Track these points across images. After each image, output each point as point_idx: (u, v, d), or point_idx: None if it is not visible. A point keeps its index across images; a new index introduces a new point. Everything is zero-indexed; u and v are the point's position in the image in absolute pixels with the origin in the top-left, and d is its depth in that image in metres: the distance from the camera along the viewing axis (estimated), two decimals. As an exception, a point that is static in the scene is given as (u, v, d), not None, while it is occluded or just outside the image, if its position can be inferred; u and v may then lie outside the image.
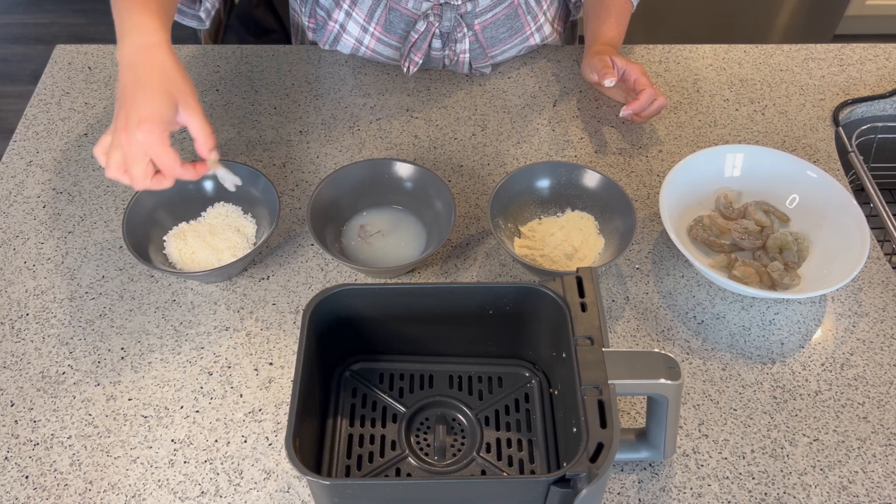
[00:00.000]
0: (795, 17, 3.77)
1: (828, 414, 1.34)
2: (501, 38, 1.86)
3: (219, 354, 1.40)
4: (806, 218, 1.56)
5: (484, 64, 1.89)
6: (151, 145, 1.24)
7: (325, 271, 1.52)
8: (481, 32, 1.82)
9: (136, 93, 1.26)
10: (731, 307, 1.48)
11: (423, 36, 1.79)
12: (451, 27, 1.79)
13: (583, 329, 1.13)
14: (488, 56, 1.88)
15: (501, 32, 1.85)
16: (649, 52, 1.99)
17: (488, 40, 1.84)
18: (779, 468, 1.28)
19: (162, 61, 1.29)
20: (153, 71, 1.28)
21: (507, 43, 1.88)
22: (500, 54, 1.90)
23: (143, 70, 1.28)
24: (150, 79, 1.27)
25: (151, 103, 1.25)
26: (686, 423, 1.32)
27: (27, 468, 1.26)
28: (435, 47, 1.83)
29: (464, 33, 1.80)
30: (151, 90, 1.26)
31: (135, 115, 1.23)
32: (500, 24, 1.83)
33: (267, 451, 1.28)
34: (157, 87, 1.27)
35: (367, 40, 1.85)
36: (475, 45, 1.84)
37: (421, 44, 1.80)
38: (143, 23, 1.31)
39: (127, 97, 1.26)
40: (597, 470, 0.99)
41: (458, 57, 1.85)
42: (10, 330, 1.43)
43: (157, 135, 1.24)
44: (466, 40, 1.82)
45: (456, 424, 1.26)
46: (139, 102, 1.25)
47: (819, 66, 1.96)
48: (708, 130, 1.79)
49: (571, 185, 1.57)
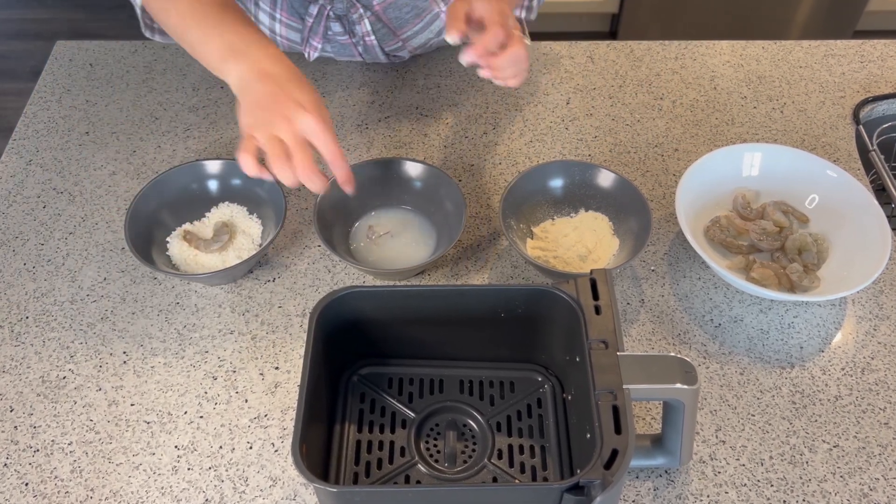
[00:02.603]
0: (815, 13, 3.77)
1: (848, 419, 1.34)
2: (407, 19, 1.80)
3: (223, 358, 1.40)
4: (826, 218, 1.56)
5: (396, 47, 1.85)
6: (315, 131, 1.28)
7: (332, 273, 1.52)
8: (383, 13, 1.77)
9: (285, 90, 1.30)
10: (748, 310, 1.48)
11: (318, 19, 1.76)
12: (344, 9, 1.75)
13: (597, 332, 1.12)
14: (398, 38, 1.83)
15: (405, 12, 1.78)
16: (665, 48, 1.99)
17: (394, 20, 1.79)
18: (798, 475, 1.27)
19: (296, 71, 1.34)
20: (294, 74, 1.33)
21: (416, 24, 1.81)
22: (412, 36, 1.84)
23: (283, 76, 1.32)
24: (295, 80, 1.32)
25: (310, 96, 1.30)
26: (703, 429, 1.32)
27: (27, 475, 1.26)
28: (335, 31, 1.79)
29: (360, 14, 1.76)
30: (303, 86, 1.31)
31: (294, 103, 1.28)
32: (403, 4, 1.77)
33: (273, 457, 1.28)
34: (307, 85, 1.32)
35: (277, 28, 1.82)
36: (378, 25, 1.79)
37: (317, 28, 1.77)
38: (260, 39, 1.36)
39: (276, 95, 1.29)
40: (611, 477, 0.99)
41: (366, 40, 1.81)
42: (9, 333, 1.43)
43: (324, 119, 1.29)
44: (366, 21, 1.77)
45: (467, 430, 1.26)
46: (296, 94, 1.29)
47: (839, 62, 1.96)
48: (725, 129, 1.79)
49: (585, 184, 1.57)
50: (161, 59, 1.93)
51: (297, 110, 1.27)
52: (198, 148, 1.72)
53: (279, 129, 1.26)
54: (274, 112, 1.27)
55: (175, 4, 1.40)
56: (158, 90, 1.86)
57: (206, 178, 1.57)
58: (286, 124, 1.26)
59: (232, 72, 1.34)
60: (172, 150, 1.72)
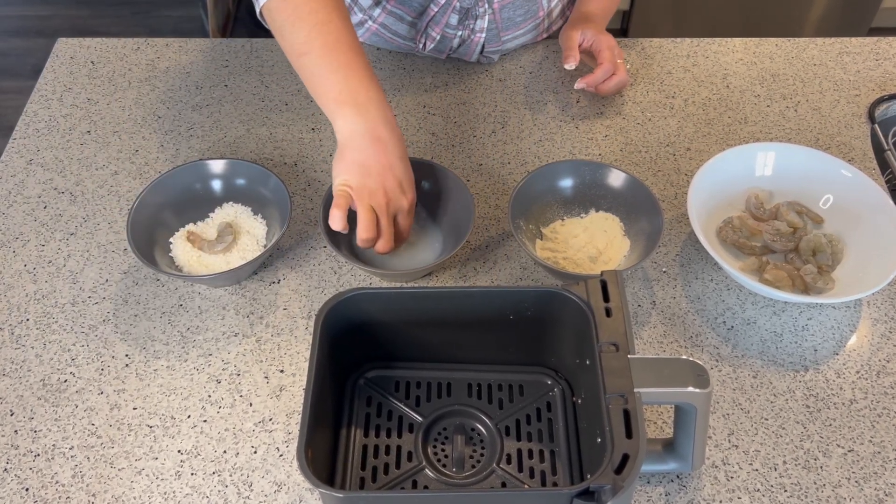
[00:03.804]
0: (829, 10, 3.77)
1: (863, 423, 1.34)
2: (517, 21, 1.86)
3: (227, 361, 1.40)
4: (840, 219, 1.56)
5: (494, 49, 1.89)
6: (404, 213, 1.44)
7: (338, 275, 1.52)
8: (499, 12, 1.81)
9: (392, 164, 1.41)
10: (762, 312, 1.48)
11: (444, 9, 1.78)
12: (472, 1, 1.78)
13: (607, 335, 1.13)
14: (501, 40, 1.87)
15: (518, 14, 1.85)
16: (677, 45, 1.99)
17: (504, 21, 1.84)
18: (812, 480, 1.27)
19: (403, 143, 1.44)
20: (402, 148, 1.44)
21: (521, 27, 1.88)
22: (511, 40, 1.90)
23: (392, 146, 1.41)
24: (402, 156, 1.43)
25: (410, 177, 1.44)
26: (715, 434, 1.32)
27: (27, 480, 1.27)
28: (451, 23, 1.81)
29: (485, 9, 1.79)
30: (406, 163, 1.44)
31: (398, 184, 1.41)
32: (519, 6, 1.83)
33: (278, 462, 1.29)
34: (407, 162, 1.44)
35: (376, 13, 1.84)
36: (492, 24, 1.83)
37: (440, 18, 1.79)
38: (380, 97, 1.43)
39: (383, 166, 1.40)
40: (622, 482, 0.99)
41: (474, 37, 1.84)
42: (9, 336, 1.43)
43: (414, 205, 1.46)
44: (487, 17, 1.81)
45: (475, 434, 1.26)
46: (400, 174, 1.42)
47: (854, 60, 1.96)
48: (738, 128, 1.79)
49: (596, 184, 1.57)
50: (164, 56, 1.93)
51: (397, 191, 1.41)
52: (201, 147, 1.73)
53: (376, 202, 1.38)
54: (377, 183, 1.39)
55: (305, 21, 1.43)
56: (161, 88, 1.86)
57: (210, 177, 1.57)
58: (384, 200, 1.40)
59: (344, 119, 1.40)
60: (176, 149, 1.73)
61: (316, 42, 1.41)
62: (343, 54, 1.41)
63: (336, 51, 1.41)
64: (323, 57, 1.41)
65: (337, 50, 1.41)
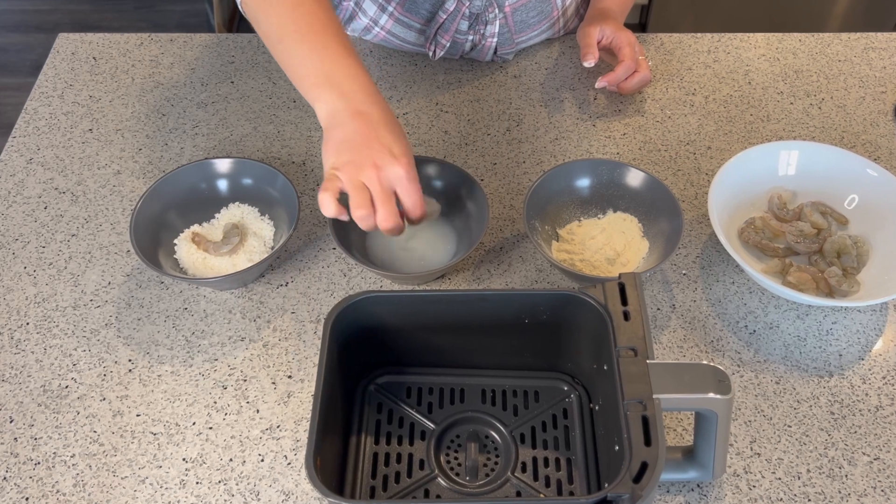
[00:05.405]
0: (854, 4, 3.76)
1: (889, 431, 1.34)
2: (530, 24, 1.87)
3: (234, 367, 1.40)
4: (866, 220, 1.56)
5: (508, 51, 1.90)
6: (402, 180, 1.34)
7: (347, 277, 1.52)
8: (511, 15, 1.82)
9: (378, 134, 1.35)
10: (785, 316, 1.48)
11: (453, 16, 1.79)
12: (482, 7, 1.78)
13: (626, 339, 1.13)
14: (515, 42, 1.88)
15: (531, 17, 1.85)
16: (697, 41, 1.99)
17: (517, 24, 1.85)
18: (836, 489, 1.27)
19: (390, 113, 1.39)
20: (388, 116, 1.38)
21: (535, 29, 1.89)
22: (525, 41, 1.92)
23: (376, 117, 1.36)
24: (388, 123, 1.37)
25: (401, 142, 1.36)
26: (737, 441, 1.32)
27: (27, 489, 1.27)
28: (461, 29, 1.82)
29: (495, 14, 1.80)
30: (396, 130, 1.37)
31: (387, 151, 1.33)
32: (531, 7, 1.84)
33: (286, 470, 1.29)
34: (399, 129, 1.38)
35: (383, 20, 1.85)
36: (504, 28, 1.84)
37: (449, 25, 1.80)
38: (358, 73, 1.39)
39: (368, 138, 1.34)
40: (641, 491, 0.99)
41: (486, 42, 1.85)
42: (9, 340, 1.44)
43: (412, 167, 1.35)
44: (497, 23, 1.82)
45: (489, 442, 1.26)
46: (387, 139, 1.34)
47: (880, 56, 1.96)
48: (760, 126, 1.79)
49: (613, 184, 1.57)
50: (168, 52, 1.94)
51: (387, 158, 1.33)
52: (207, 146, 1.73)
53: (366, 176, 1.32)
54: (363, 156, 1.32)
55: (276, 7, 1.43)
56: (165, 85, 1.86)
57: (216, 177, 1.57)
58: (374, 171, 1.32)
59: (324, 102, 1.38)
60: (180, 147, 1.73)
61: (288, 28, 1.41)
62: (316, 35, 1.40)
63: (310, 34, 1.40)
64: (297, 42, 1.41)
65: (311, 33, 1.40)
